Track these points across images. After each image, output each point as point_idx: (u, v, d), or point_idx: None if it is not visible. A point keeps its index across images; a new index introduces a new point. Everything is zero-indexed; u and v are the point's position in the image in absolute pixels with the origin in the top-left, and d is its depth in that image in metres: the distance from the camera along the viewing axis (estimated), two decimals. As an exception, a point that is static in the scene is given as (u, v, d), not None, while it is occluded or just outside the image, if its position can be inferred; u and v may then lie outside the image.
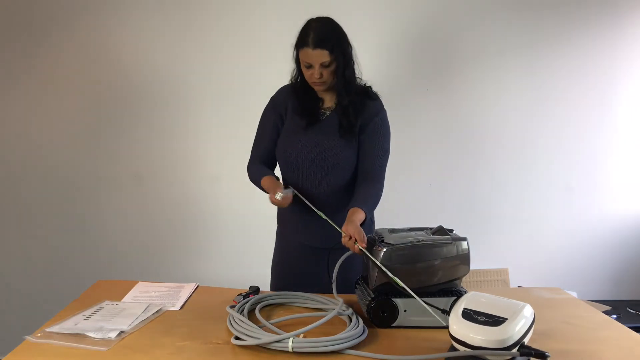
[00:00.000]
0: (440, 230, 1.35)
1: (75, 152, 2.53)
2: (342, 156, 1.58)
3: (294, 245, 1.71)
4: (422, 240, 1.27)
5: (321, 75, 1.51)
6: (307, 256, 1.67)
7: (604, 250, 2.61)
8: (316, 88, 1.58)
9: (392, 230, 1.39)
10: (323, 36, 1.48)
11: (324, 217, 1.44)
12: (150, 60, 2.47)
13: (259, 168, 1.67)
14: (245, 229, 2.55)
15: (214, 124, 2.51)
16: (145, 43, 2.45)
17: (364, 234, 1.35)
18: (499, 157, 2.54)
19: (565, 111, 2.51)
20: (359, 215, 1.43)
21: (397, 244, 1.26)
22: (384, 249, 1.25)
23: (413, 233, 1.36)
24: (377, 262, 1.25)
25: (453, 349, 1.05)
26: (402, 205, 2.55)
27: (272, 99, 1.71)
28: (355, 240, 1.32)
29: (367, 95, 1.60)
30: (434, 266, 1.26)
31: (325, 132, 1.59)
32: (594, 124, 2.53)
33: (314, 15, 1.57)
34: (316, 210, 1.47)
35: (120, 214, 2.57)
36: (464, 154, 2.54)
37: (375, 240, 1.31)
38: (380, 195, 1.59)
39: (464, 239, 1.30)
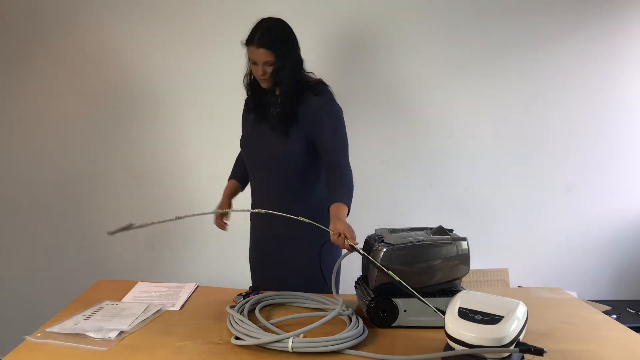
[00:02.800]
0: (440, 230, 1.35)
1: (75, 152, 2.53)
2: (282, 151, 1.63)
3: (263, 236, 1.79)
4: (422, 240, 1.27)
5: (265, 72, 1.59)
6: (277, 245, 1.72)
7: (604, 250, 2.61)
8: (262, 85, 1.65)
9: (392, 230, 1.39)
10: (267, 36, 1.57)
11: (307, 220, 1.42)
12: (150, 61, 2.47)
13: (234, 166, 1.94)
14: (245, 228, 2.55)
15: (214, 124, 2.50)
16: (144, 44, 2.46)
17: (353, 230, 1.36)
18: (498, 156, 2.54)
19: (565, 111, 2.51)
20: (343, 210, 1.44)
21: (397, 244, 1.26)
22: (384, 249, 1.25)
23: (413, 233, 1.36)
24: (370, 257, 1.26)
25: (448, 347, 1.05)
26: (402, 205, 2.55)
27: (245, 101, 1.84)
28: (345, 237, 1.33)
29: (313, 91, 1.63)
30: (434, 266, 1.26)
31: (270, 127, 1.66)
32: (594, 124, 2.53)
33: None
34: (296, 217, 1.45)
35: (120, 214, 2.57)
36: (464, 153, 2.54)
37: (375, 240, 1.31)
38: (351, 180, 1.59)
39: (464, 239, 1.30)
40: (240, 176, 1.87)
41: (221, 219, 1.82)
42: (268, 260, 1.77)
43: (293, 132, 1.61)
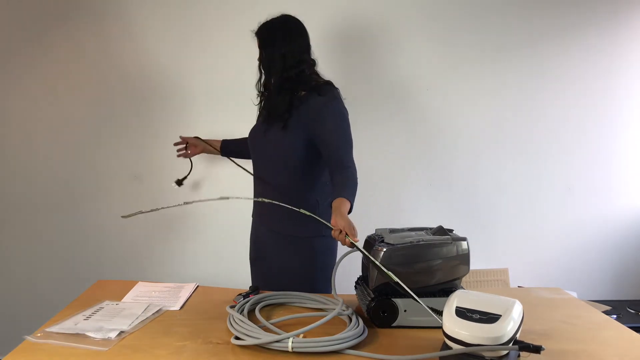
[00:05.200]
0: (440, 230, 1.35)
1: (76, 152, 2.53)
2: (280, 143, 1.66)
3: (265, 234, 1.79)
4: (422, 240, 1.27)
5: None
6: (278, 244, 1.73)
7: (604, 250, 2.61)
8: None
9: (392, 230, 1.40)
10: (260, 28, 1.71)
11: (308, 213, 1.41)
12: (150, 62, 2.47)
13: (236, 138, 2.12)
14: (245, 228, 2.54)
15: (214, 125, 2.50)
16: (145, 45, 2.45)
17: (355, 226, 1.36)
18: (498, 156, 2.54)
19: (565, 111, 2.51)
20: (345, 206, 1.44)
21: (397, 244, 1.26)
22: (384, 249, 1.25)
23: (413, 233, 1.36)
24: (369, 256, 1.25)
25: (445, 347, 1.05)
26: (402, 205, 2.55)
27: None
28: (347, 234, 1.33)
29: (318, 91, 1.65)
30: (434, 266, 1.26)
31: (267, 120, 1.71)
32: (593, 124, 2.53)
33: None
34: (298, 210, 1.43)
35: (120, 214, 2.57)
36: (464, 153, 2.54)
37: (375, 240, 1.31)
38: (356, 176, 1.59)
39: (464, 239, 1.30)
40: (229, 142, 2.09)
41: (187, 147, 2.16)
42: (263, 255, 1.80)
43: (292, 127, 1.63)
